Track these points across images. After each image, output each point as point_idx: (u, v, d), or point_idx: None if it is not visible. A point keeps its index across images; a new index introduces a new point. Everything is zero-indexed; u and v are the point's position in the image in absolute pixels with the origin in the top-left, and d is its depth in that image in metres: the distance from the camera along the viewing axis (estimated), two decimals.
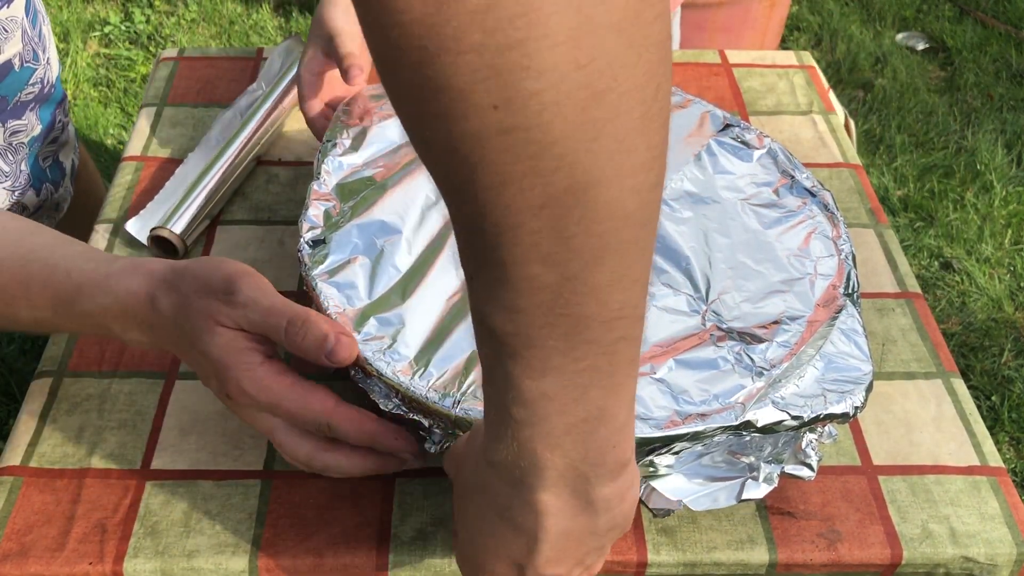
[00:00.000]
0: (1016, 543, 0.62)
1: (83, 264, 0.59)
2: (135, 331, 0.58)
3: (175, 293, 0.57)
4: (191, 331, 0.56)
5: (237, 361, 0.56)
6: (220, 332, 0.56)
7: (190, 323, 0.56)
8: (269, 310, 0.56)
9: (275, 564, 0.59)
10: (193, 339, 0.56)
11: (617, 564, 0.60)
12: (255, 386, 0.56)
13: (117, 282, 0.58)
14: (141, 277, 0.58)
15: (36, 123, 0.94)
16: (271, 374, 0.56)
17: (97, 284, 0.58)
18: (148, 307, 0.57)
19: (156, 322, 0.57)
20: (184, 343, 0.57)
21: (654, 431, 0.57)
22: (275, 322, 0.56)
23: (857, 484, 0.65)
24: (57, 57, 0.99)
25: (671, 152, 0.76)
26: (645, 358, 0.62)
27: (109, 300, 0.57)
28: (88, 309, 0.58)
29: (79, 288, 0.58)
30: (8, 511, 0.61)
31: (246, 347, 0.56)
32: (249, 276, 0.57)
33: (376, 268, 0.66)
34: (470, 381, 0.59)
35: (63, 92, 1.02)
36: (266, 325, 0.56)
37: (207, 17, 2.62)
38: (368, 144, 0.76)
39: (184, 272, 0.57)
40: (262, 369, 0.56)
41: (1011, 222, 2.08)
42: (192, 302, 0.56)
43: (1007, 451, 1.68)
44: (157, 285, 0.57)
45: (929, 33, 2.67)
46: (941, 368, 0.72)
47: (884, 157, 2.24)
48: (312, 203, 0.70)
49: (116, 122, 2.26)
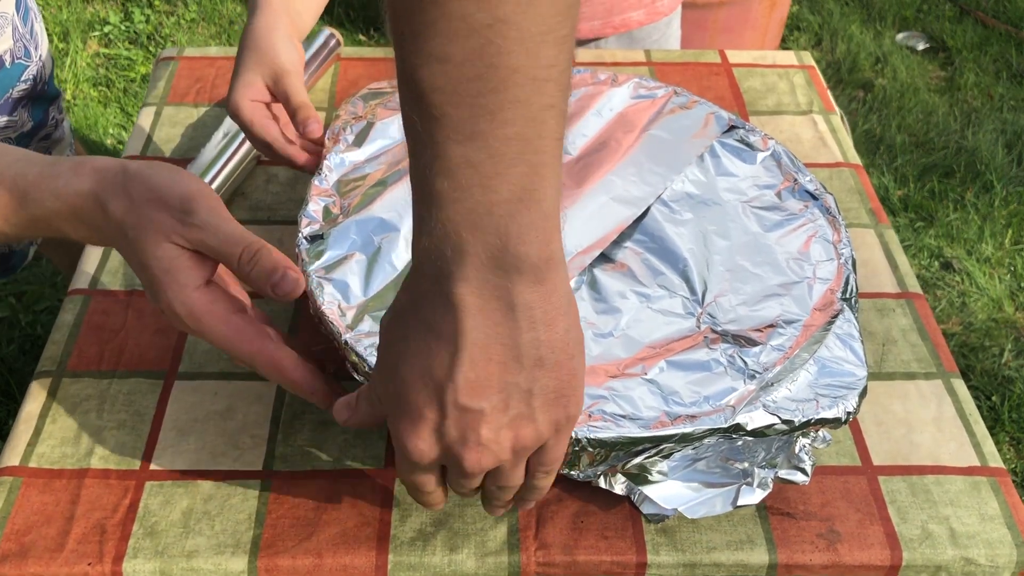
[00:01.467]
0: (1016, 544, 0.62)
1: (26, 168, 0.57)
2: (83, 230, 0.57)
3: (126, 198, 0.55)
4: (135, 240, 0.55)
5: (173, 280, 0.55)
6: (166, 248, 0.55)
7: (135, 232, 0.55)
8: (227, 237, 0.55)
9: (274, 564, 0.59)
10: (137, 248, 0.55)
11: (616, 564, 0.60)
12: (185, 309, 0.55)
13: (65, 183, 0.56)
14: (88, 176, 0.56)
15: (27, 120, 0.94)
16: (205, 301, 0.56)
17: (43, 188, 0.56)
18: (96, 208, 0.56)
19: (103, 224, 0.56)
20: (128, 249, 0.56)
21: (642, 431, 0.57)
22: (231, 250, 0.55)
23: (857, 484, 0.64)
24: (51, 55, 0.99)
25: (674, 153, 0.76)
26: (636, 359, 0.62)
27: (58, 203, 0.56)
28: (37, 214, 0.57)
29: (25, 194, 0.57)
30: (7, 511, 0.61)
31: (187, 266, 0.55)
32: (206, 197, 0.56)
33: (373, 265, 0.66)
34: None
35: (58, 90, 1.02)
36: (222, 252, 0.55)
37: (207, 17, 2.62)
38: (370, 141, 0.77)
39: (136, 176, 0.56)
40: (197, 293, 0.55)
41: (1011, 222, 2.08)
42: (143, 211, 0.55)
43: (1007, 451, 1.68)
44: (106, 186, 0.56)
45: (929, 33, 2.67)
46: (941, 368, 0.72)
47: (884, 157, 2.24)
48: (312, 198, 0.70)
49: (116, 122, 2.25)
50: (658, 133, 0.78)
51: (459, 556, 0.60)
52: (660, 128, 0.79)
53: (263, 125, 0.75)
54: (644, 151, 0.77)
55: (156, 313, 0.74)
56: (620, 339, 0.63)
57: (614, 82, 0.83)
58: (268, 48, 0.77)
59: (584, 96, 0.82)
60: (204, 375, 0.70)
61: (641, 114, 0.81)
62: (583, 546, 0.60)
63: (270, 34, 0.78)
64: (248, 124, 0.76)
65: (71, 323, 0.73)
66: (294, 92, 0.76)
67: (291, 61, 0.77)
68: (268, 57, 0.77)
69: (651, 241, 0.70)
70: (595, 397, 0.59)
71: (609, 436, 0.56)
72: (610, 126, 0.79)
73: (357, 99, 0.82)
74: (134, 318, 0.74)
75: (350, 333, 0.61)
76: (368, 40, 2.59)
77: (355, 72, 0.99)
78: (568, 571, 0.60)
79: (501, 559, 0.60)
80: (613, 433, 0.56)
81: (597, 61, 1.01)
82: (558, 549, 0.60)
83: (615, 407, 0.58)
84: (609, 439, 0.56)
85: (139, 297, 0.76)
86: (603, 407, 0.58)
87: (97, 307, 0.75)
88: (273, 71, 0.77)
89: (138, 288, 0.76)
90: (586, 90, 0.82)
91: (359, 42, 2.57)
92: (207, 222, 0.55)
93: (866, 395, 0.62)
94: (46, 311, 1.80)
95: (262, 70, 0.77)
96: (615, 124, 0.80)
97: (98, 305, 0.75)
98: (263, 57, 0.77)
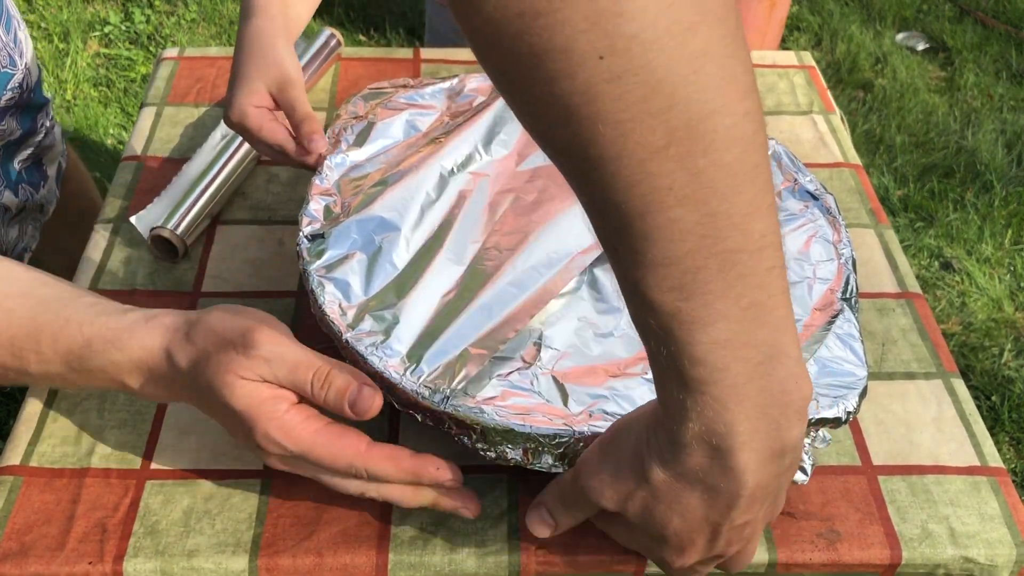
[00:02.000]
0: (1016, 544, 0.62)
1: (94, 318, 0.57)
2: (151, 386, 0.57)
3: (191, 346, 0.55)
4: (209, 385, 0.54)
5: (261, 411, 0.54)
6: (241, 384, 0.54)
7: (207, 377, 0.54)
8: (294, 365, 0.54)
9: (275, 564, 0.59)
10: (214, 393, 0.54)
11: (617, 563, 0.60)
12: (283, 435, 0.54)
13: (130, 337, 0.56)
14: (155, 331, 0.56)
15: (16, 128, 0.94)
16: (299, 421, 0.55)
17: (109, 339, 0.56)
18: (165, 362, 0.56)
19: (174, 377, 0.56)
20: (205, 397, 0.56)
21: None
22: (302, 377, 0.55)
23: (857, 484, 0.64)
24: (37, 63, 0.99)
25: None
26: (637, 359, 0.62)
27: (122, 356, 0.56)
28: (100, 364, 0.56)
29: (90, 342, 0.56)
30: (8, 510, 0.61)
31: (270, 396, 0.54)
32: (267, 328, 0.55)
33: (373, 264, 0.66)
34: (460, 378, 0.59)
35: (46, 98, 1.02)
36: (293, 381, 0.55)
37: (207, 17, 2.62)
38: (371, 140, 0.77)
39: (198, 324, 0.56)
40: (288, 416, 0.54)
41: (1011, 222, 2.08)
42: (210, 356, 0.54)
43: (1007, 451, 1.68)
44: (172, 339, 0.56)
45: (929, 33, 2.67)
46: (941, 368, 0.72)
47: (884, 157, 2.24)
48: (313, 197, 0.70)
49: (116, 122, 2.26)
50: None
51: (459, 555, 0.60)
52: None
53: (272, 129, 0.74)
54: None
55: None
56: (621, 339, 0.63)
57: None
58: (272, 55, 0.76)
59: None
60: None
61: None
62: (584, 546, 0.60)
63: (273, 41, 0.77)
64: (256, 129, 0.74)
65: None
66: (300, 103, 0.75)
67: (295, 70, 0.77)
68: (272, 65, 0.76)
69: None
70: (596, 396, 0.59)
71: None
72: None
73: (358, 99, 0.82)
74: None
75: (351, 332, 0.61)
76: (368, 40, 2.59)
77: (355, 72, 0.99)
78: (569, 571, 0.60)
79: (501, 559, 0.60)
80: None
81: None
82: (558, 549, 0.60)
83: (616, 406, 0.58)
84: None
85: (140, 297, 0.76)
86: (604, 406, 0.58)
87: None
88: (278, 80, 0.76)
89: (139, 287, 0.76)
90: None
91: (359, 42, 2.57)
92: (272, 352, 0.54)
93: (866, 395, 0.62)
94: None
95: (266, 78, 0.75)
96: None
97: None
98: (267, 64, 0.76)
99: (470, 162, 0.75)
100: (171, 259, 0.79)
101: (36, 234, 1.08)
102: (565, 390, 0.59)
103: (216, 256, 0.79)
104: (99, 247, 0.80)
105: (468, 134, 0.77)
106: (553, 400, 0.59)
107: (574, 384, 0.60)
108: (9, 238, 1.01)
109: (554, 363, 0.61)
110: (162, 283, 0.77)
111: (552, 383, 0.60)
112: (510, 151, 0.77)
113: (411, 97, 0.82)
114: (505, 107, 0.80)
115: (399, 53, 1.02)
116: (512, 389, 0.59)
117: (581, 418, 0.57)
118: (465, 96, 0.82)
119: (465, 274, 0.66)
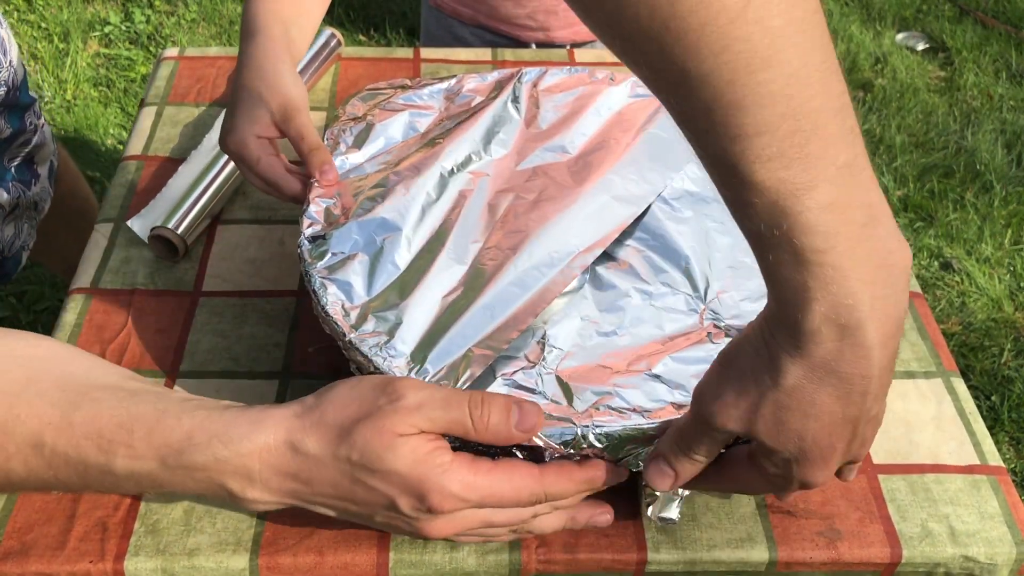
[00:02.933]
0: (1016, 542, 0.62)
1: (194, 410, 0.52)
2: (257, 489, 0.51)
3: (322, 428, 0.51)
4: (363, 458, 0.50)
5: (433, 467, 0.50)
6: (402, 442, 0.50)
7: (359, 450, 0.50)
8: (447, 401, 0.51)
9: (276, 562, 0.59)
10: (371, 463, 0.50)
11: (617, 562, 0.60)
12: (462, 485, 0.51)
13: (240, 437, 0.51)
14: (270, 429, 0.51)
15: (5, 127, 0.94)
16: (468, 467, 0.51)
17: (214, 433, 0.51)
18: (290, 456, 0.51)
19: (303, 468, 0.51)
20: (348, 479, 0.51)
21: (649, 422, 0.57)
22: (457, 410, 0.51)
23: (857, 483, 0.65)
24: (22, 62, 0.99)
25: (673, 151, 0.77)
26: (641, 355, 0.62)
27: (229, 452, 0.50)
28: (203, 461, 0.50)
29: (191, 436, 0.50)
30: (9, 509, 0.61)
31: (433, 448, 0.51)
32: (402, 378, 0.53)
33: (375, 265, 0.66)
34: (465, 378, 0.59)
35: (32, 97, 1.02)
36: (450, 419, 0.51)
37: (207, 17, 2.62)
38: (370, 141, 0.77)
39: (320, 406, 0.52)
40: (456, 465, 0.51)
41: (1011, 222, 2.09)
42: (355, 427, 0.50)
43: (1007, 451, 1.68)
44: (293, 431, 0.51)
45: (929, 33, 2.67)
46: (941, 368, 0.72)
47: (884, 157, 2.24)
48: (313, 199, 0.70)
49: (116, 122, 2.26)
50: (657, 132, 0.79)
51: (460, 554, 0.60)
52: (658, 127, 0.79)
53: (270, 164, 0.72)
54: (643, 150, 0.77)
55: (157, 311, 0.74)
56: (624, 336, 0.63)
57: (611, 81, 0.83)
58: (275, 81, 0.73)
59: (582, 95, 0.82)
60: (206, 374, 0.70)
61: (639, 113, 0.81)
62: (584, 544, 0.60)
63: (277, 65, 0.74)
64: (253, 161, 0.72)
65: (73, 323, 0.73)
66: (308, 132, 0.72)
67: (301, 96, 0.74)
68: (277, 91, 0.73)
69: (652, 239, 0.70)
70: (600, 394, 0.59)
71: (615, 429, 0.56)
72: (608, 125, 0.80)
73: (357, 100, 0.82)
74: (135, 317, 0.74)
75: (354, 333, 0.61)
76: (368, 40, 2.59)
77: (355, 72, 0.99)
78: (569, 569, 0.60)
79: (502, 557, 0.60)
80: (619, 426, 0.56)
81: (597, 61, 1.02)
82: (559, 547, 0.60)
83: (621, 402, 0.58)
84: (616, 432, 0.56)
85: (140, 296, 0.76)
86: (609, 403, 0.58)
87: (98, 306, 0.75)
88: (282, 106, 0.73)
89: (139, 287, 0.76)
90: (584, 89, 0.83)
91: (359, 42, 2.57)
92: (420, 397, 0.51)
93: None
94: (47, 311, 1.80)
95: (270, 105, 0.73)
96: (613, 123, 0.80)
97: (99, 304, 0.75)
98: (270, 90, 0.73)
99: (470, 162, 0.75)
100: (172, 259, 0.79)
101: (33, 232, 1.08)
102: (570, 389, 0.59)
103: (216, 256, 0.79)
104: (99, 247, 0.80)
105: (467, 134, 0.77)
106: (558, 399, 0.59)
107: (579, 383, 0.60)
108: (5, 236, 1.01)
109: (558, 362, 0.61)
110: (162, 283, 0.77)
111: (556, 382, 0.60)
112: (509, 150, 0.77)
113: (409, 98, 0.82)
114: (504, 106, 0.80)
115: (399, 53, 1.02)
116: (517, 389, 0.59)
117: (585, 416, 0.57)
118: (463, 96, 0.82)
119: (467, 274, 0.66)
